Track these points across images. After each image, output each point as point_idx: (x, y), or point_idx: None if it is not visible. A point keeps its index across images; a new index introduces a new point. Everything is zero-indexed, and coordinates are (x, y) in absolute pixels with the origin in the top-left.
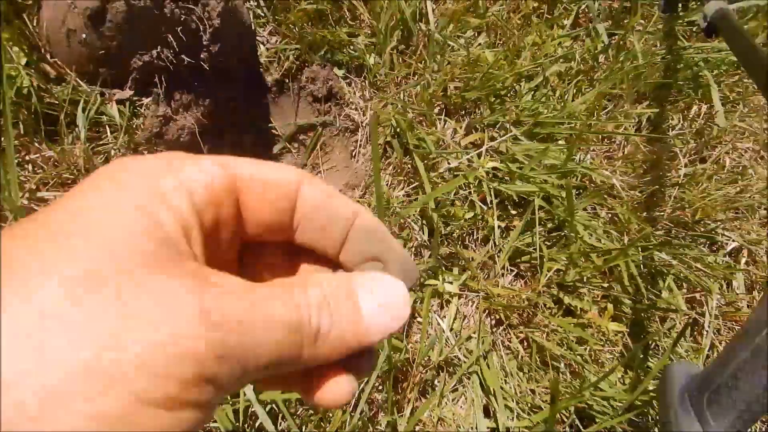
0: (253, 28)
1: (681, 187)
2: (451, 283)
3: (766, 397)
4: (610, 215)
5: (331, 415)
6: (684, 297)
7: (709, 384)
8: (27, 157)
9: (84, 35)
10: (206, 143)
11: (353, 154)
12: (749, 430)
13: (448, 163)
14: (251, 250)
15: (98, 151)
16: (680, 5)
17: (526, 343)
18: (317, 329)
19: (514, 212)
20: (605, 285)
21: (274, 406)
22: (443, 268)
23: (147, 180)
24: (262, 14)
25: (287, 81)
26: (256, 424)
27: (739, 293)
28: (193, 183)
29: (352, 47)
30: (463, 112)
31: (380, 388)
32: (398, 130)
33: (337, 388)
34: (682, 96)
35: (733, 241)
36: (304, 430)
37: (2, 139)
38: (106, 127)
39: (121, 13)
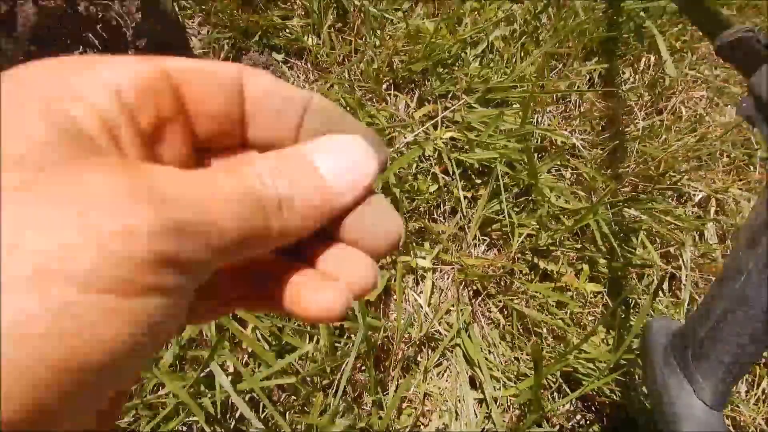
0: (180, 20)
1: (641, 140)
2: (423, 258)
3: (753, 347)
4: (574, 176)
5: (312, 399)
6: (658, 252)
7: (691, 338)
8: None
9: None
10: None
11: None
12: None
13: (404, 138)
14: (204, 166)
15: None
16: None
17: (506, 312)
18: (277, 196)
19: (478, 181)
20: (578, 246)
21: (253, 395)
22: (414, 244)
23: (57, 78)
24: (188, 5)
25: None
26: (237, 415)
27: (712, 243)
28: (117, 79)
29: (287, 30)
30: (413, 85)
31: (362, 368)
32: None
33: (326, 294)
34: (629, 49)
35: (700, 191)
36: (286, 416)
37: None
38: None
39: (32, 16)
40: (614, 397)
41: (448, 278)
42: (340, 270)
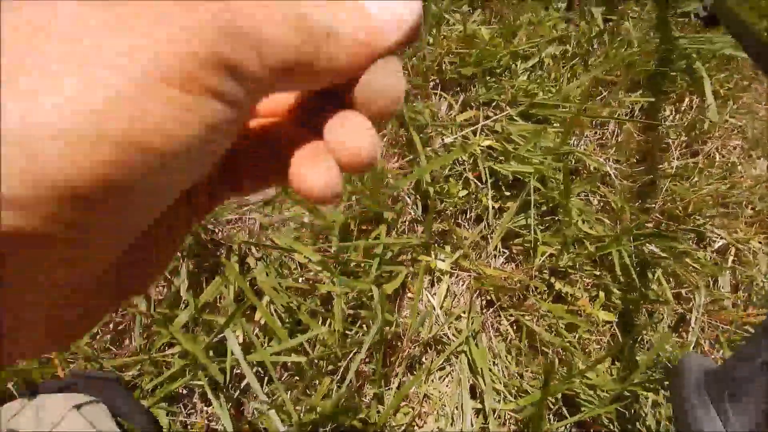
0: None
1: (672, 179)
2: (443, 260)
3: None
4: (602, 203)
5: (316, 382)
6: (671, 292)
7: (729, 379)
8: None
9: None
10: None
11: None
12: None
13: (442, 140)
14: None
15: None
16: None
17: (515, 326)
18: (326, 27)
19: (507, 193)
20: (597, 273)
21: (259, 369)
22: (436, 245)
23: None
24: None
25: None
26: (241, 386)
27: (725, 291)
28: None
29: None
30: (458, 89)
31: (367, 360)
32: None
33: (318, 169)
34: (674, 87)
35: (722, 238)
36: (289, 395)
37: None
38: None
39: None
40: (611, 427)
41: (463, 284)
42: (342, 139)
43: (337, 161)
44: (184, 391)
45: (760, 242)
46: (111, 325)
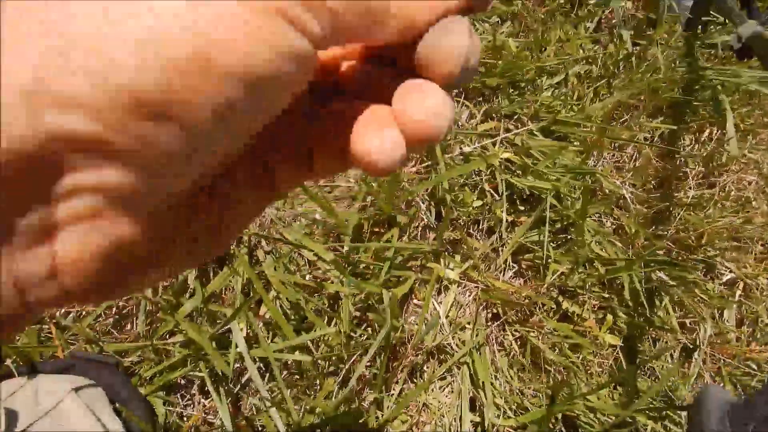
0: None
1: (687, 208)
2: (452, 269)
3: None
4: (614, 226)
5: (318, 383)
6: (677, 321)
7: (754, 415)
8: None
9: None
10: None
11: None
12: None
13: (460, 148)
14: None
15: None
16: (700, 26)
17: (519, 342)
18: None
19: (521, 208)
20: (606, 295)
21: (260, 365)
22: (446, 253)
23: None
24: None
25: None
26: (243, 380)
27: (729, 325)
28: None
29: None
30: (481, 99)
31: (368, 364)
32: None
33: (378, 138)
34: (696, 117)
35: (731, 272)
36: (289, 393)
37: None
38: None
39: None
40: None
41: (470, 295)
42: (407, 107)
43: (403, 132)
44: (183, 382)
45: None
46: (114, 309)
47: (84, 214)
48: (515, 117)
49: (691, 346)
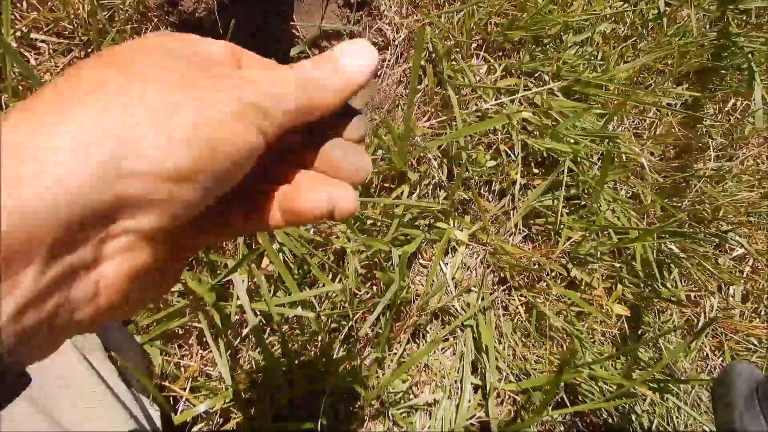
0: None
1: (706, 181)
2: (461, 230)
3: None
4: (629, 194)
5: (318, 339)
6: (684, 294)
7: None
8: None
9: None
10: (222, 26)
11: (379, 73)
12: None
13: (477, 105)
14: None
15: (102, 4)
16: None
17: (525, 307)
18: (316, 80)
19: (536, 171)
20: (617, 264)
21: (262, 318)
22: (456, 214)
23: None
24: None
25: None
26: (243, 332)
27: (735, 300)
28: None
29: None
30: (501, 53)
31: (372, 323)
32: (434, 56)
33: (325, 190)
34: (722, 86)
35: (742, 247)
36: (290, 347)
37: None
38: None
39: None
40: (610, 421)
41: (477, 258)
42: (340, 162)
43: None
44: (181, 332)
45: None
46: None
47: (124, 248)
48: (536, 74)
49: (696, 320)
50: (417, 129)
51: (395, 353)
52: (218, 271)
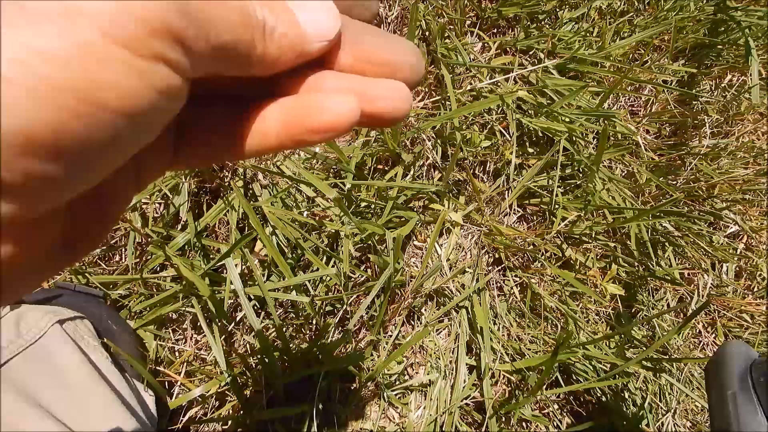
0: None
1: (701, 158)
2: (455, 211)
3: None
4: (623, 173)
5: (312, 323)
6: (678, 272)
7: None
8: None
9: None
10: None
11: None
12: None
13: (471, 84)
14: None
15: None
16: None
17: (519, 288)
18: (263, 22)
19: (531, 150)
20: (612, 244)
21: (256, 303)
22: (450, 195)
23: None
24: None
25: None
26: (237, 317)
27: (728, 277)
28: None
29: None
30: (496, 30)
31: (366, 307)
32: (428, 34)
33: (341, 98)
34: (719, 62)
35: (736, 224)
36: (285, 331)
37: None
38: None
39: None
40: (603, 400)
41: (472, 239)
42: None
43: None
44: (175, 316)
45: None
46: None
47: None
48: (531, 52)
49: (690, 298)
50: (410, 109)
51: (390, 335)
52: (211, 256)
